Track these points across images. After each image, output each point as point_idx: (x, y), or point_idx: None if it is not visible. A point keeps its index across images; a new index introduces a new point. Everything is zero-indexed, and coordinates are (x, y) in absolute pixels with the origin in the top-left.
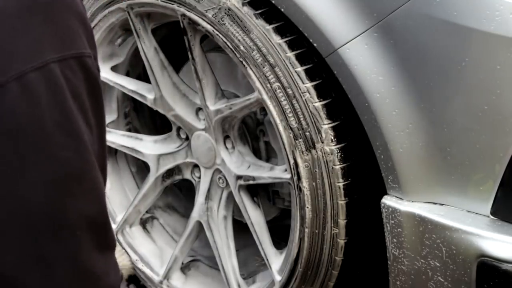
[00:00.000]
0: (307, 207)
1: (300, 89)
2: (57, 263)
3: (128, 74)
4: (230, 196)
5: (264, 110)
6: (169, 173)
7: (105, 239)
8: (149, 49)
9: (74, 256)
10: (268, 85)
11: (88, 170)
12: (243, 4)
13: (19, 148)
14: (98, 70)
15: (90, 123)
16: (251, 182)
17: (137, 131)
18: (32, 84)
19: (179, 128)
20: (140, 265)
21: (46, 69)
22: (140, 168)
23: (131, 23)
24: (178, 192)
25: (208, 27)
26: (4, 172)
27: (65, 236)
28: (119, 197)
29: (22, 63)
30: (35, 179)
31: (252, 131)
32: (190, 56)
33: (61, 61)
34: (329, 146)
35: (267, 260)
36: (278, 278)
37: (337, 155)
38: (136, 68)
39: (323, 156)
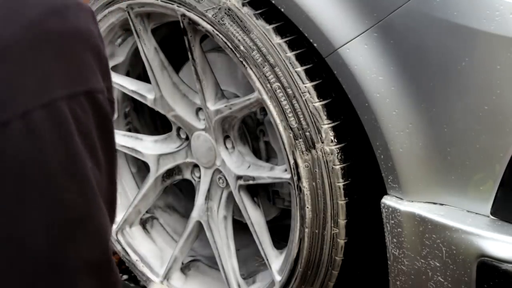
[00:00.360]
0: (307, 207)
1: (300, 89)
2: None
3: (128, 74)
4: (230, 196)
5: (264, 110)
6: (169, 173)
7: (107, 282)
8: (149, 49)
9: None
10: (268, 85)
11: (92, 213)
12: (243, 4)
13: (21, 189)
14: (112, 102)
15: (99, 161)
16: (251, 182)
17: (137, 131)
18: (37, 122)
19: (179, 128)
20: (140, 265)
21: (53, 107)
22: (140, 168)
23: (131, 23)
24: (178, 192)
25: (208, 27)
26: (4, 213)
27: (65, 281)
28: (119, 197)
29: (27, 100)
30: (36, 222)
31: (252, 131)
32: (190, 56)
33: (70, 98)
34: (329, 146)
35: (267, 260)
36: (278, 278)
37: (337, 155)
38: (136, 68)
39: (323, 156)
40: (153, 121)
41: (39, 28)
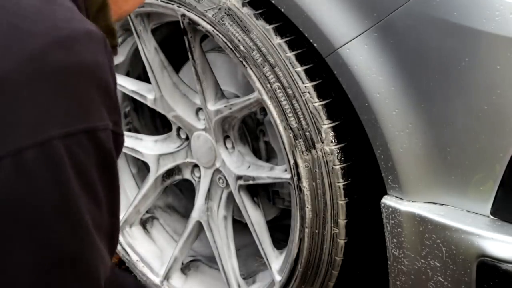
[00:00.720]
0: (307, 207)
1: (300, 89)
2: None
3: (128, 74)
4: (230, 196)
5: (264, 110)
6: (169, 173)
7: None
8: (149, 49)
9: None
10: (268, 85)
11: (83, 253)
12: (243, 4)
13: (8, 227)
14: (119, 135)
15: (98, 198)
16: (251, 182)
17: (137, 131)
18: (30, 162)
19: (179, 128)
20: (140, 265)
21: (47, 146)
22: (140, 168)
23: (131, 23)
24: (178, 192)
25: (208, 27)
26: None
27: None
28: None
29: (21, 138)
30: (24, 260)
31: (252, 131)
32: (190, 56)
33: (67, 136)
34: (329, 146)
35: (267, 260)
36: (278, 278)
37: (337, 155)
38: (136, 68)
39: (323, 156)
40: (153, 121)
41: (40, 61)
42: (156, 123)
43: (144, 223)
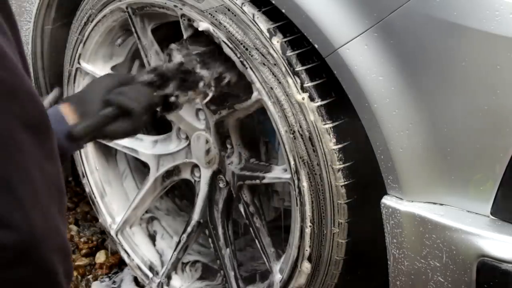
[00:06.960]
0: (307, 207)
1: (300, 90)
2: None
3: None
4: (230, 196)
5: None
6: (169, 173)
7: (45, 142)
8: (149, 49)
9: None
10: (268, 85)
11: (18, 82)
12: (243, 4)
13: None
14: None
15: (7, 35)
16: (250, 182)
17: None
18: None
19: (179, 129)
20: (140, 265)
21: None
22: (140, 169)
23: (131, 24)
24: (177, 193)
25: (209, 27)
26: None
27: (8, 144)
28: (119, 198)
29: None
30: None
31: (252, 131)
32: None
33: None
34: (329, 147)
35: (267, 260)
36: (278, 278)
37: (337, 155)
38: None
39: (323, 157)
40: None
41: None
42: (156, 123)
43: (144, 223)
